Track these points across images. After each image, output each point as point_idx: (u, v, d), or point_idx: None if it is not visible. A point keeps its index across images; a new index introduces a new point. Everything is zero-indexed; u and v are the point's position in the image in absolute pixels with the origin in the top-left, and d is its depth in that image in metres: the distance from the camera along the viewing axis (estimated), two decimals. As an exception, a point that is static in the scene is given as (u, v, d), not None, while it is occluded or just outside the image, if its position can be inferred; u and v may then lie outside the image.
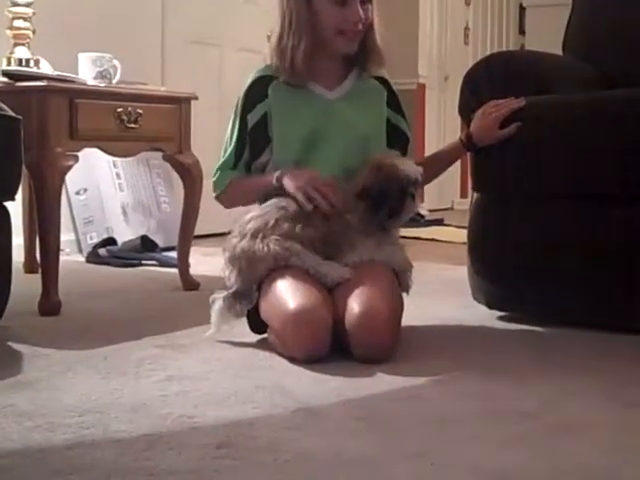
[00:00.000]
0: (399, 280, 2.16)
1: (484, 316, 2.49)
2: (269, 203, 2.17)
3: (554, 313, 2.41)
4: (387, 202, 2.11)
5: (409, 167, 2.15)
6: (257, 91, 2.27)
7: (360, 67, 2.32)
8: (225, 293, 2.13)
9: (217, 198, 2.35)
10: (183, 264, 3.08)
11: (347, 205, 2.14)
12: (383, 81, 2.36)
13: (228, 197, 2.33)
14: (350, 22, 2.20)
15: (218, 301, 2.13)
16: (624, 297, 2.28)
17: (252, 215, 2.16)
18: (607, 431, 1.54)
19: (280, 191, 2.18)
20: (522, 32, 7.04)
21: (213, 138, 3.66)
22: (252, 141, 2.28)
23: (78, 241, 3.96)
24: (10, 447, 1.43)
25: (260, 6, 4.84)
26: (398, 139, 2.35)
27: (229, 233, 2.18)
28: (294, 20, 2.21)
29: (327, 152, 2.23)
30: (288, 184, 2.16)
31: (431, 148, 6.77)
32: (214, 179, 2.34)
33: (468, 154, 2.46)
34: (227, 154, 2.32)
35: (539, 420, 1.59)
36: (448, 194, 7.18)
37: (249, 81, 2.30)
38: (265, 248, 2.08)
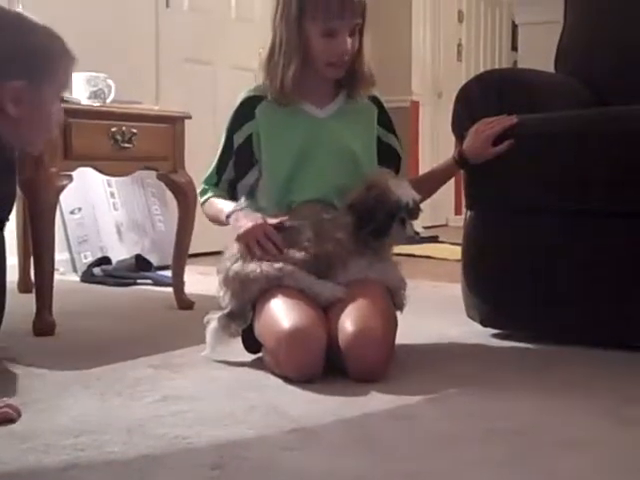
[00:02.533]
0: (393, 298, 2.17)
1: (478, 334, 2.49)
2: None
3: (549, 331, 2.41)
4: (372, 222, 2.11)
5: (403, 191, 2.14)
6: (245, 111, 2.29)
7: (349, 90, 2.33)
8: (220, 313, 2.13)
9: (201, 206, 2.39)
10: (178, 283, 3.08)
11: (338, 224, 2.14)
12: (374, 100, 2.37)
13: (205, 212, 2.37)
14: (337, 53, 2.21)
15: (213, 321, 2.13)
16: (620, 314, 2.28)
17: None
18: (605, 449, 1.54)
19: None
20: (515, 48, 7.07)
21: (207, 157, 3.65)
22: (237, 161, 2.30)
23: (72, 260, 3.96)
24: (4, 469, 1.42)
25: (253, 24, 4.86)
26: (389, 157, 2.36)
27: (223, 252, 2.19)
28: (284, 43, 2.22)
29: (317, 171, 2.24)
30: (233, 228, 2.18)
31: (425, 165, 6.78)
32: (199, 190, 2.39)
33: (462, 171, 2.47)
34: (211, 169, 2.35)
35: (536, 438, 1.59)
36: (442, 211, 7.18)
37: (238, 101, 2.32)
38: (258, 269, 2.09)
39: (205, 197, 2.34)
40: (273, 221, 2.16)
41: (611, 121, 2.32)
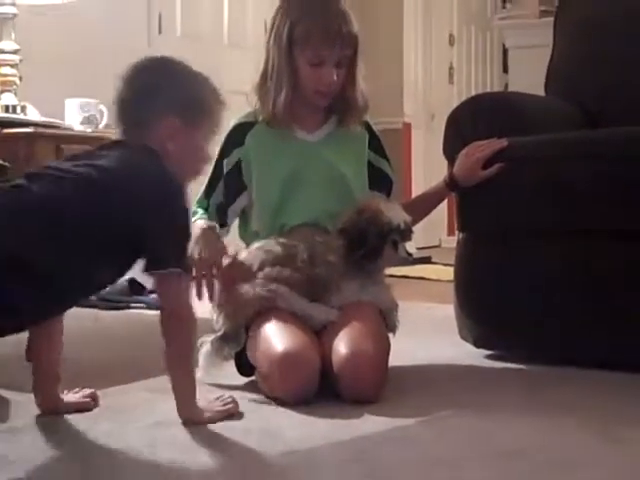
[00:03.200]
0: (385, 320, 2.17)
1: (472, 355, 2.49)
2: (253, 247, 2.19)
3: (542, 351, 2.41)
4: (364, 245, 2.11)
5: (395, 213, 2.14)
6: (235, 137, 2.32)
7: (340, 117, 2.34)
8: (213, 336, 2.13)
9: None
10: (171, 307, 3.07)
11: (330, 247, 2.15)
12: (365, 124, 2.39)
13: None
14: (324, 83, 2.23)
15: (206, 344, 2.12)
16: (612, 334, 2.29)
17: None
18: (599, 469, 1.54)
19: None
20: (506, 71, 7.12)
21: (201, 179, 3.67)
22: (227, 187, 2.32)
23: (66, 285, 3.94)
24: (-3, 495, 1.43)
25: (246, 49, 4.89)
26: (381, 182, 2.37)
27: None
28: (275, 68, 2.25)
29: (308, 195, 2.25)
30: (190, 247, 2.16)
31: (418, 187, 6.78)
32: (192, 210, 2.38)
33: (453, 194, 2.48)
34: (201, 193, 2.36)
35: (530, 459, 1.59)
36: (435, 232, 7.19)
37: (230, 126, 2.34)
38: (251, 291, 2.09)
39: (193, 219, 2.35)
40: (226, 260, 2.14)
41: (601, 143, 2.33)
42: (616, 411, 1.92)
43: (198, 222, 2.27)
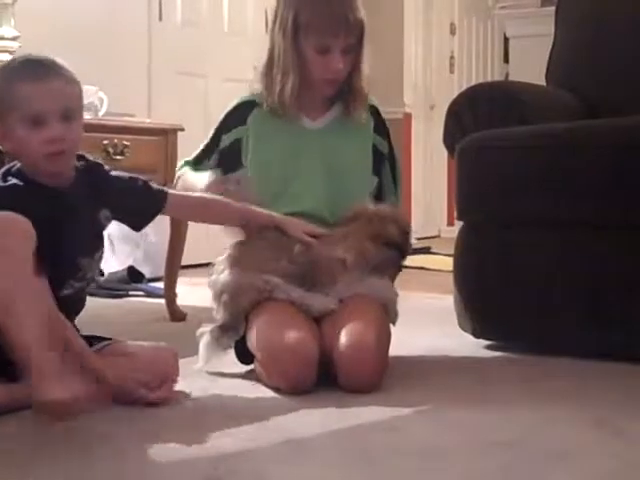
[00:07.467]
0: (386, 311, 2.16)
1: (471, 345, 2.49)
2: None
3: (541, 342, 2.41)
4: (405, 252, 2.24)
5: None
6: (238, 115, 2.30)
7: (344, 104, 2.31)
8: (212, 326, 2.13)
9: (176, 180, 2.38)
10: (170, 295, 3.08)
11: (328, 240, 2.14)
12: (371, 109, 2.36)
13: (179, 185, 2.33)
14: (331, 70, 2.21)
15: (206, 334, 2.12)
16: (610, 325, 2.29)
17: (231, 244, 2.18)
18: (597, 460, 1.54)
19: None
20: (507, 61, 7.10)
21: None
22: (224, 163, 2.29)
23: (65, 273, 3.94)
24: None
25: (246, 37, 4.88)
26: (377, 160, 2.36)
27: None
28: (282, 56, 2.21)
29: (308, 183, 2.23)
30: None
31: (417, 177, 6.80)
32: (177, 167, 2.43)
33: (453, 179, 2.48)
34: (192, 157, 2.36)
35: (528, 450, 1.59)
36: (435, 222, 7.19)
37: (232, 104, 2.32)
38: (248, 281, 2.08)
39: (181, 172, 2.35)
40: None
41: (602, 133, 2.33)
42: (614, 402, 1.92)
43: (194, 177, 2.28)
